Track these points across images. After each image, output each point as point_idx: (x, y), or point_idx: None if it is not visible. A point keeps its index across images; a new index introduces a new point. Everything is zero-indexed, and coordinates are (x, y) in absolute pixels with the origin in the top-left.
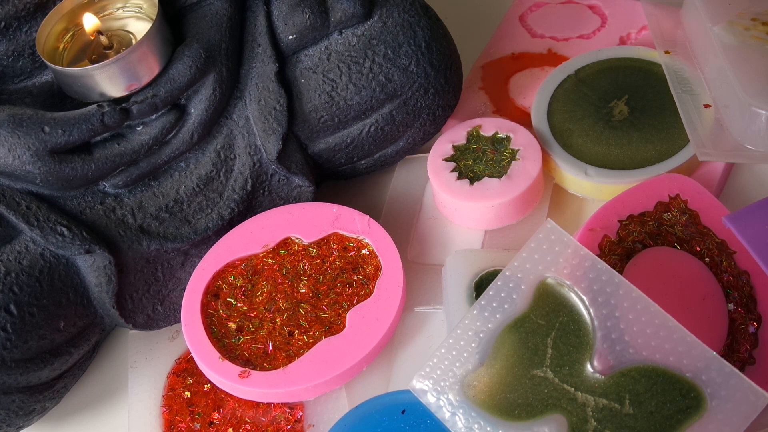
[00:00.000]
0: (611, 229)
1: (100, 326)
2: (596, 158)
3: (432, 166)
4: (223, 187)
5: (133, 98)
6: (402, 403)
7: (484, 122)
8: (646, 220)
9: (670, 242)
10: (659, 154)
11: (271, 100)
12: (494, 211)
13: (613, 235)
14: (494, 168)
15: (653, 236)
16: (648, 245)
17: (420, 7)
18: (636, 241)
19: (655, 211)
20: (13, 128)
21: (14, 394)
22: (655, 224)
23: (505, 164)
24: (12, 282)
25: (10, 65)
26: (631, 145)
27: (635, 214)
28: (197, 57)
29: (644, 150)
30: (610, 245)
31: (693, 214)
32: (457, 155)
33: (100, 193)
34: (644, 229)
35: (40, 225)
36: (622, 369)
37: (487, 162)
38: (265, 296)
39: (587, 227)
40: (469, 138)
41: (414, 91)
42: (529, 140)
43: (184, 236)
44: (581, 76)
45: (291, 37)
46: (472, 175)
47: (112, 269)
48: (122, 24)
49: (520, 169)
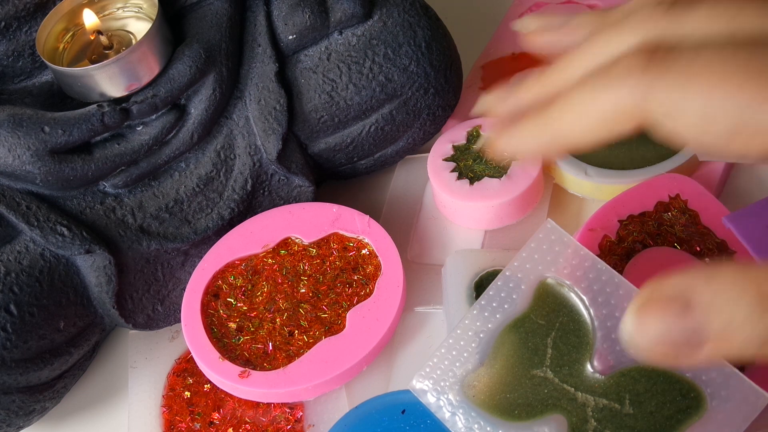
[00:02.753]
0: (611, 229)
1: (100, 326)
2: (596, 158)
3: (432, 166)
4: (223, 187)
5: (133, 98)
6: (402, 403)
7: (485, 122)
8: (646, 220)
9: (670, 242)
10: (659, 155)
11: (271, 100)
12: (494, 211)
13: (613, 235)
14: (494, 168)
15: (653, 236)
16: (648, 245)
17: (420, 7)
18: (636, 241)
19: (655, 211)
20: (13, 128)
21: (14, 394)
22: (655, 224)
23: (504, 164)
24: (12, 282)
25: (10, 65)
26: (631, 146)
27: (635, 214)
28: (197, 57)
29: (644, 150)
30: (610, 245)
31: (693, 214)
32: (457, 155)
33: (100, 193)
34: (644, 228)
35: (40, 225)
36: (623, 369)
37: (487, 162)
38: (265, 296)
39: (587, 227)
40: (469, 138)
41: (414, 91)
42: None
43: (184, 236)
44: None
45: (291, 37)
46: (472, 175)
47: (112, 269)
48: (122, 24)
49: (520, 169)
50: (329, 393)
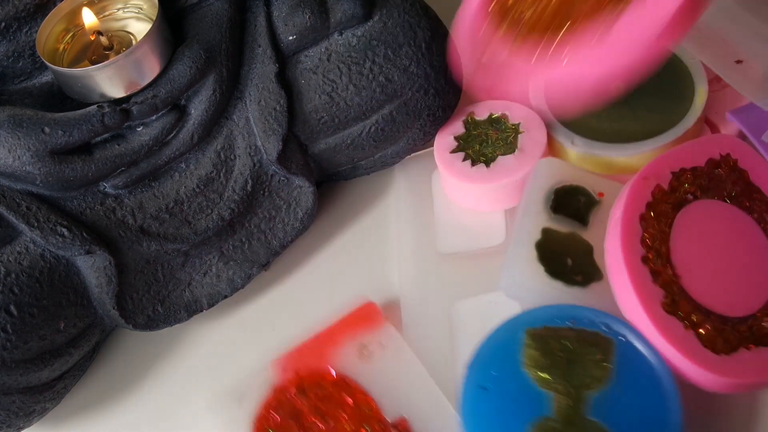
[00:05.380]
0: (664, 179)
1: (100, 327)
2: (585, 129)
3: (442, 161)
4: (223, 188)
5: (134, 99)
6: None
7: (475, 108)
8: (698, 173)
9: (721, 196)
10: (646, 133)
11: (271, 101)
12: (519, 186)
13: (665, 184)
14: (503, 146)
15: (704, 189)
16: (698, 197)
17: (420, 8)
18: (688, 192)
19: (707, 166)
20: (14, 129)
21: (14, 394)
22: (706, 178)
23: (512, 140)
24: (12, 283)
25: (11, 66)
26: (621, 121)
27: (687, 168)
28: (197, 57)
29: (633, 126)
30: (663, 194)
31: (742, 172)
32: (463, 144)
33: (101, 193)
34: (696, 181)
35: (40, 226)
36: None
37: (494, 142)
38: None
39: (641, 176)
40: (467, 126)
41: (414, 92)
42: (525, 112)
43: (184, 237)
44: None
45: (291, 38)
46: (485, 158)
47: (112, 270)
48: (122, 25)
49: (529, 140)
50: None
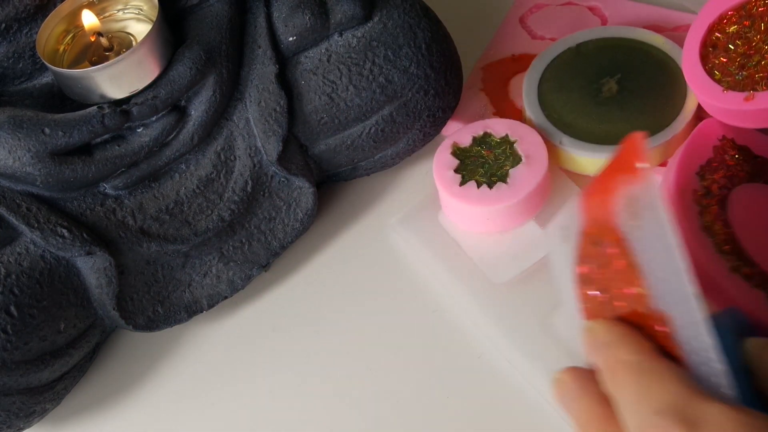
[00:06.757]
0: (692, 183)
1: (100, 328)
2: (574, 130)
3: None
4: (223, 189)
5: (134, 100)
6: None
7: (453, 137)
8: (715, 166)
9: (741, 179)
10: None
11: (271, 102)
12: (541, 191)
13: (698, 188)
14: (505, 159)
15: (730, 178)
16: (730, 188)
17: (420, 9)
18: (722, 187)
19: (716, 155)
20: (14, 130)
21: (14, 395)
22: (724, 167)
23: (510, 151)
24: (12, 284)
25: (11, 67)
26: (611, 123)
27: (704, 163)
28: (197, 58)
29: (622, 129)
30: (701, 198)
31: (744, 149)
32: (466, 175)
33: (101, 194)
34: (719, 174)
35: (40, 227)
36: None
37: (496, 159)
38: (763, 34)
39: (674, 191)
40: (458, 155)
41: (414, 93)
42: (506, 123)
43: (184, 238)
44: (582, 50)
45: (291, 39)
46: (496, 177)
47: (112, 271)
48: (122, 26)
49: (528, 145)
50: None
